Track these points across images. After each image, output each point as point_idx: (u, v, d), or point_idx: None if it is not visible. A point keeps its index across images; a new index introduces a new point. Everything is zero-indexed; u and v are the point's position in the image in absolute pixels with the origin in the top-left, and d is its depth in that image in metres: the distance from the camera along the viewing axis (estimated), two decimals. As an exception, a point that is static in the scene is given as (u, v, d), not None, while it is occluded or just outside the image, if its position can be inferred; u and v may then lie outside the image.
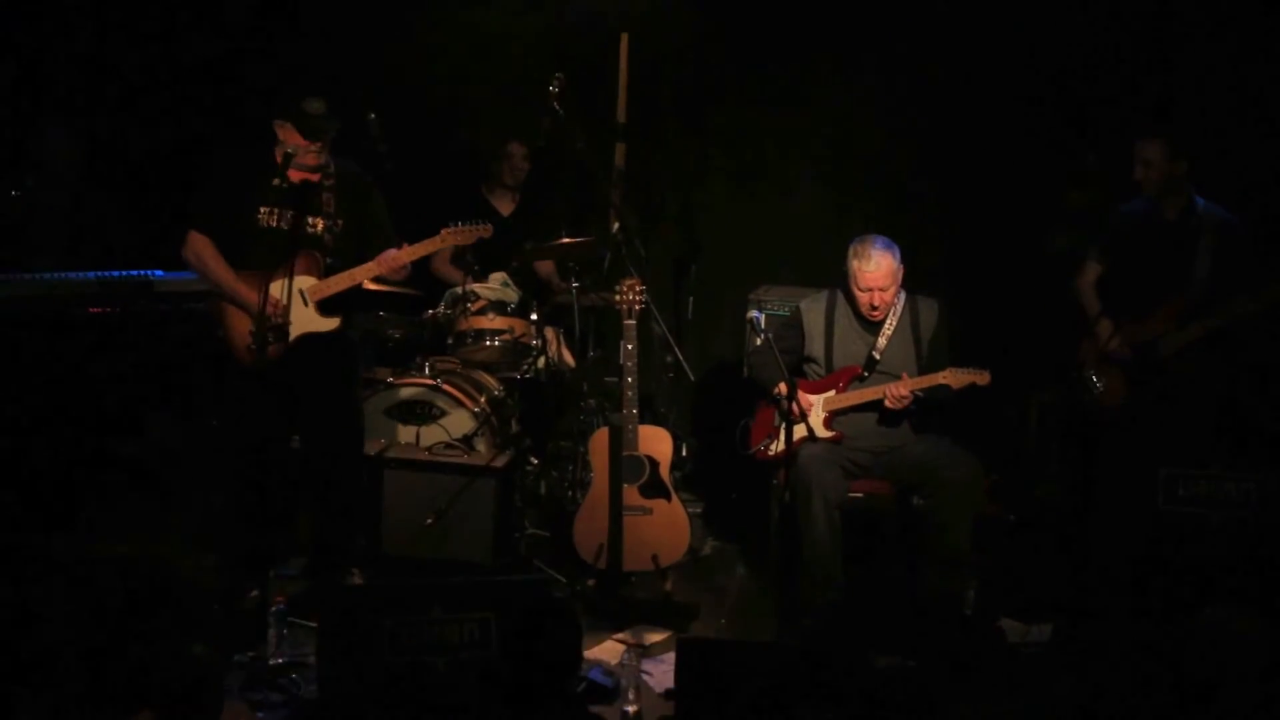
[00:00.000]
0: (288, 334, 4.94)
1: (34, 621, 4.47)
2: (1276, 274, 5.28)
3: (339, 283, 5.07)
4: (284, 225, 5.02)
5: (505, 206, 6.76)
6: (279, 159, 4.95)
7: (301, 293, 5.00)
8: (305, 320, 5.02)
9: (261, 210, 5.01)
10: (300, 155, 4.95)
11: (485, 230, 5.20)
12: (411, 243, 5.13)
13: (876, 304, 5.24)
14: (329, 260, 5.08)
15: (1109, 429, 5.54)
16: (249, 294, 4.95)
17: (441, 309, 6.19)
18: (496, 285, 6.22)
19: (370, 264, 5.09)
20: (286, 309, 4.90)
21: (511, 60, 6.93)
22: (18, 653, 4.27)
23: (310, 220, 5.05)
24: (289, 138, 4.96)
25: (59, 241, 6.06)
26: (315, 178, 5.05)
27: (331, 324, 5.07)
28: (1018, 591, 5.32)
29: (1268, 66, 6.08)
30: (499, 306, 6.14)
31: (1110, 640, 4.68)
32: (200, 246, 5.02)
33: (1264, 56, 6.08)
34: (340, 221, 5.10)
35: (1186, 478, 4.84)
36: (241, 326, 4.97)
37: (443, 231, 5.16)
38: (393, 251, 5.09)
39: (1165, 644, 4.41)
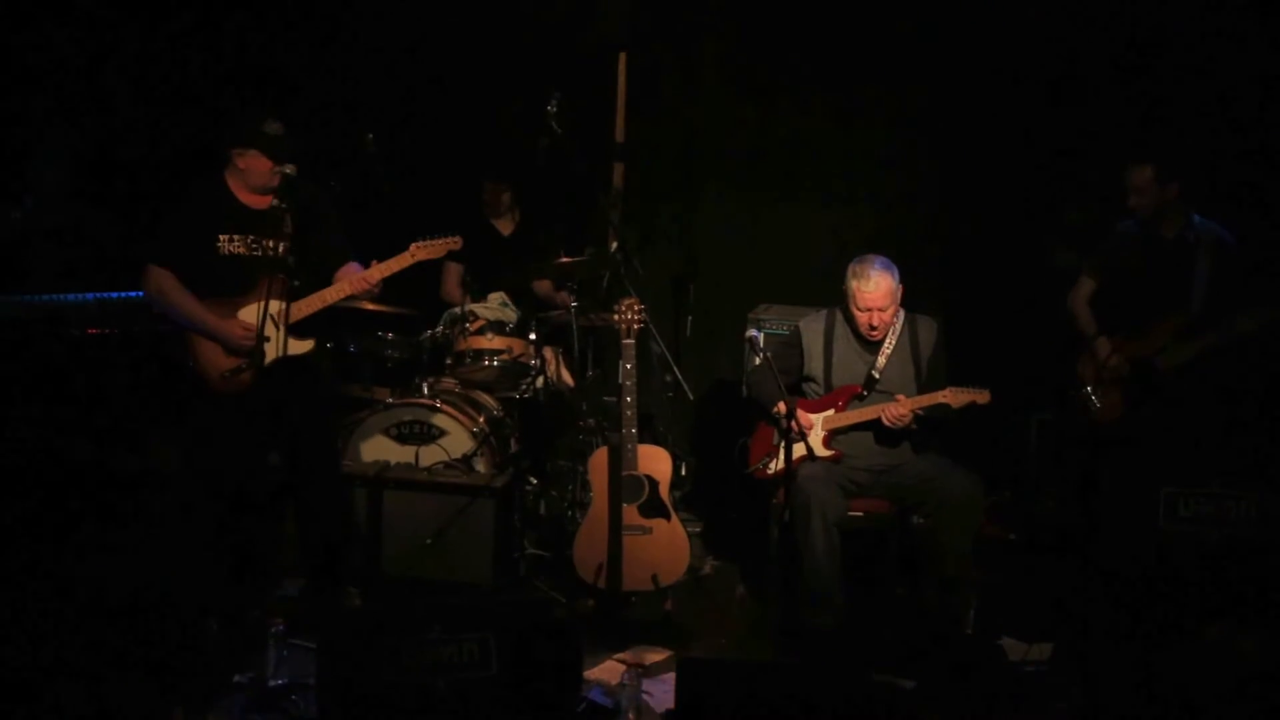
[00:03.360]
0: (263, 360, 4.93)
1: (33, 641, 4.47)
2: (1273, 293, 5.30)
3: (310, 305, 5.04)
4: (244, 251, 4.99)
5: (506, 227, 6.77)
6: (231, 185, 4.98)
7: (272, 317, 4.96)
8: (279, 344, 5.01)
9: (220, 238, 4.97)
10: (265, 179, 4.95)
11: (454, 243, 5.15)
12: (381, 259, 5.10)
13: (875, 324, 5.24)
14: (295, 283, 5.03)
15: (1109, 447, 5.54)
16: (218, 323, 4.94)
17: (440, 329, 6.20)
18: (495, 305, 6.23)
19: (341, 284, 5.06)
20: (260, 335, 4.87)
21: (509, 79, 6.94)
22: (16, 671, 4.26)
23: (270, 243, 5.00)
24: (251, 164, 4.95)
25: (57, 263, 6.05)
26: (269, 200, 4.98)
27: (306, 346, 5.05)
28: (1018, 610, 5.32)
29: (1261, 83, 6.11)
30: (497, 326, 6.15)
31: (1111, 659, 4.68)
32: (161, 280, 4.96)
33: (1258, 73, 6.11)
34: (299, 242, 5.04)
35: (1187, 496, 4.84)
36: (212, 356, 4.97)
37: (411, 247, 5.11)
38: (359, 270, 5.08)
39: (1166, 662, 4.41)
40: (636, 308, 5.33)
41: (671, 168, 7.20)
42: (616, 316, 5.34)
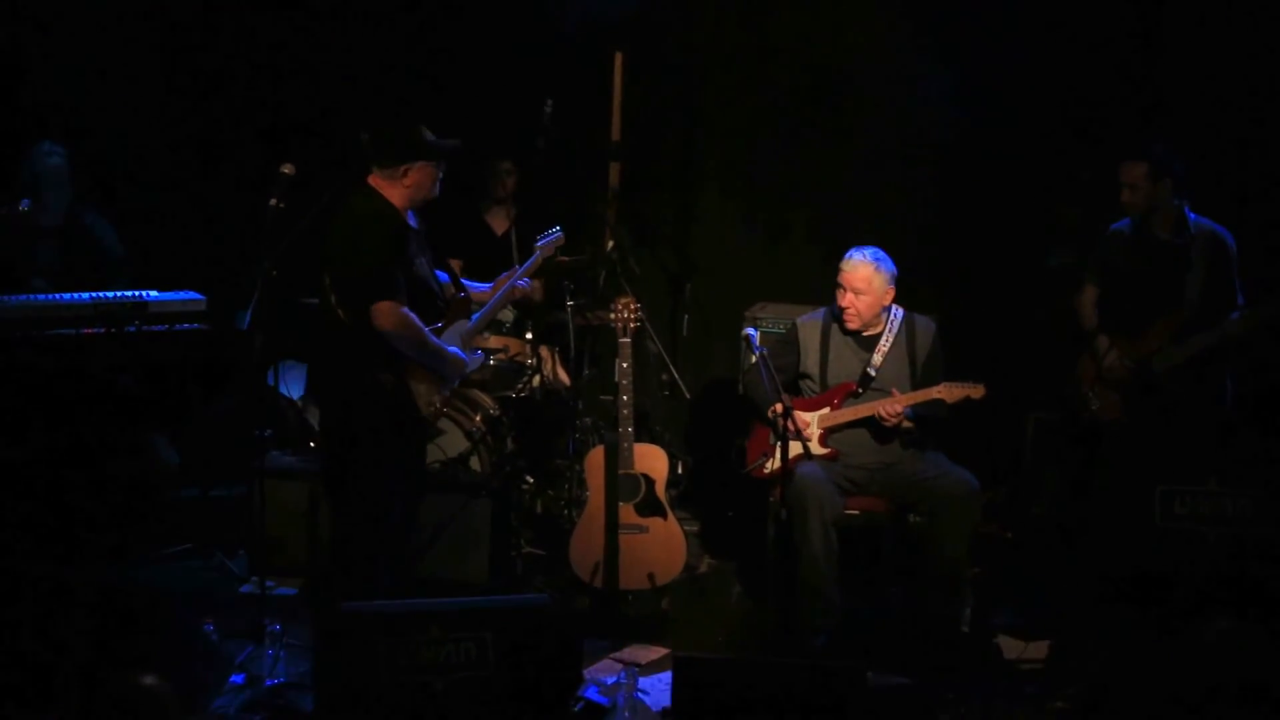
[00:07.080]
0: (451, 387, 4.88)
1: (30, 645, 4.46)
2: (1268, 291, 5.30)
3: (481, 323, 5.09)
4: (425, 273, 4.72)
5: (500, 225, 6.76)
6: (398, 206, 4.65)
7: (462, 338, 4.91)
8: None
9: (416, 261, 4.64)
10: (429, 191, 4.68)
11: (559, 240, 5.28)
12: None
13: (846, 305, 5.23)
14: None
15: (1106, 445, 5.55)
16: (454, 356, 4.73)
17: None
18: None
19: (502, 297, 5.15)
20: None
21: (505, 78, 6.93)
22: (13, 676, 4.26)
23: (428, 265, 4.79)
24: (417, 177, 4.62)
25: (54, 263, 6.04)
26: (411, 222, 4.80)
27: (477, 364, 5.01)
28: (1015, 608, 5.32)
29: (1258, 79, 6.12)
30: (494, 325, 6.14)
31: (1107, 657, 4.69)
32: (404, 314, 4.49)
33: (1254, 69, 6.12)
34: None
35: (1183, 494, 4.85)
36: (428, 387, 4.68)
37: (536, 249, 5.25)
38: (514, 281, 5.18)
39: (1163, 660, 4.41)
40: (633, 307, 5.33)
41: (668, 167, 7.20)
42: (613, 315, 5.34)
